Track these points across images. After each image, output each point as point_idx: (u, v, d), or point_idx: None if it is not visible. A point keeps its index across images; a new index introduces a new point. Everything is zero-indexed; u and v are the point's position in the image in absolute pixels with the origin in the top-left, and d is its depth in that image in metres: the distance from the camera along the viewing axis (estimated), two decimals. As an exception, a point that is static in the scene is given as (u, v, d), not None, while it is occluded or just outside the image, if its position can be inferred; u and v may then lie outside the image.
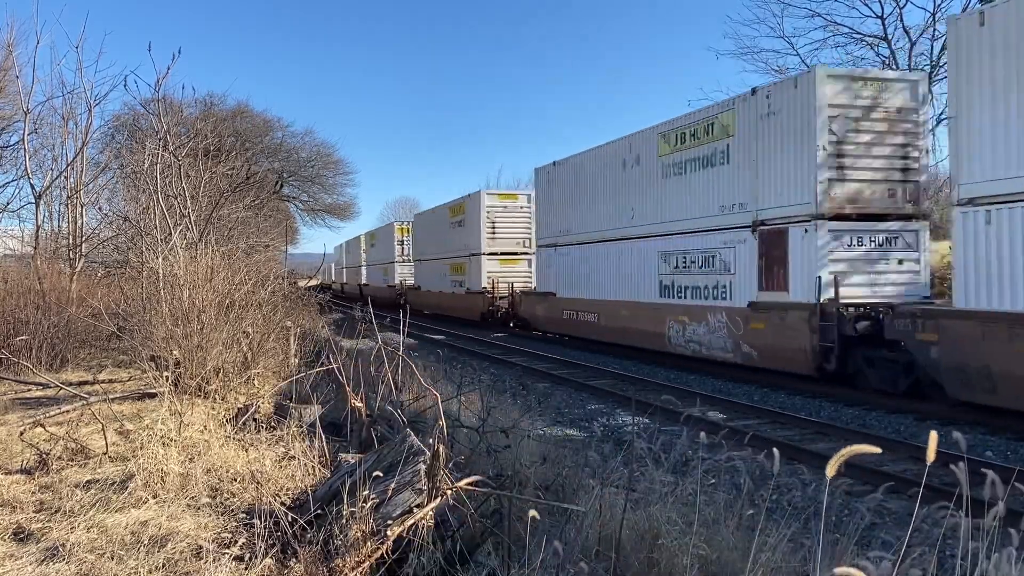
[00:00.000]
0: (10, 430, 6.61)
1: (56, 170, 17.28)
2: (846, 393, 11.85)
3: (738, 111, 14.13)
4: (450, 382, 8.04)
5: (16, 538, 4.23)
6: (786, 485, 6.79)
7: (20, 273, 13.34)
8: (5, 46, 17.90)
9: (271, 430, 6.54)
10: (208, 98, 35.23)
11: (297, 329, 10.22)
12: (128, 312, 10.01)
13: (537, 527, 4.33)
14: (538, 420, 9.45)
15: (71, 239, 16.71)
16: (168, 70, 12.17)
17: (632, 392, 12.02)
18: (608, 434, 9.24)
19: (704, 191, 15.11)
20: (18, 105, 17.17)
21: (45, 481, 5.25)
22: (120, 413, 7.20)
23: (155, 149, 12.24)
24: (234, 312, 8.74)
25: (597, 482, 4.52)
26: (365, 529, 3.58)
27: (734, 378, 14.03)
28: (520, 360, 17.26)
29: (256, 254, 23.13)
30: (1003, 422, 9.56)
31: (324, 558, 3.62)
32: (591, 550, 4.11)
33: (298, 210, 57.51)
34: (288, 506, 4.26)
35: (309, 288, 19.08)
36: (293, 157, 52.15)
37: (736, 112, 14.18)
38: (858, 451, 2.77)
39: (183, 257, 9.52)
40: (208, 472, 5.25)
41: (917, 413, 10.50)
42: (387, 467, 4.00)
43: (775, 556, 3.56)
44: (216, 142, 21.87)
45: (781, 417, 10.42)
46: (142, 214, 13.32)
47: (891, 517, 6.40)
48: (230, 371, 8.37)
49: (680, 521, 3.87)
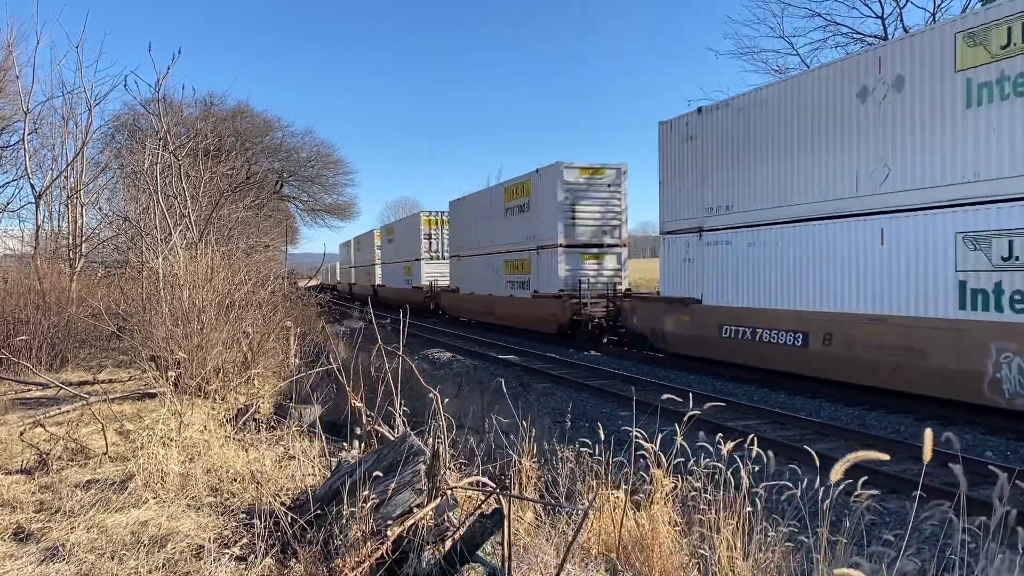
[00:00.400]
0: (10, 430, 6.61)
1: (56, 170, 17.32)
2: (846, 393, 11.91)
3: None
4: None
5: (16, 538, 4.23)
6: (786, 485, 6.78)
7: (20, 273, 13.34)
8: (5, 46, 17.92)
9: (271, 430, 6.55)
10: (208, 98, 35.24)
11: (297, 329, 10.22)
12: (128, 312, 10.01)
13: (537, 527, 4.34)
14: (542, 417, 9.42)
15: (71, 239, 16.71)
16: (168, 70, 12.18)
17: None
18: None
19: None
20: (18, 105, 17.19)
21: (45, 481, 5.25)
22: (120, 413, 7.20)
23: (155, 149, 12.24)
24: (234, 312, 8.75)
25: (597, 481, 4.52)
26: (365, 529, 3.58)
27: (735, 378, 14.02)
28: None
29: (256, 254, 23.13)
30: (1003, 423, 9.57)
31: (324, 558, 3.62)
32: (591, 550, 4.11)
33: (298, 210, 57.54)
34: (288, 506, 4.26)
35: (309, 288, 19.04)
36: (293, 157, 52.15)
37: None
38: (864, 457, 2.77)
39: (183, 257, 9.52)
40: (208, 472, 5.25)
41: (917, 413, 10.51)
42: (387, 467, 4.00)
43: (775, 556, 3.57)
44: (216, 142, 21.87)
45: (781, 417, 10.42)
46: (142, 214, 13.32)
47: (891, 517, 6.41)
48: (230, 371, 8.37)
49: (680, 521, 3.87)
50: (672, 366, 15.95)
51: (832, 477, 2.70)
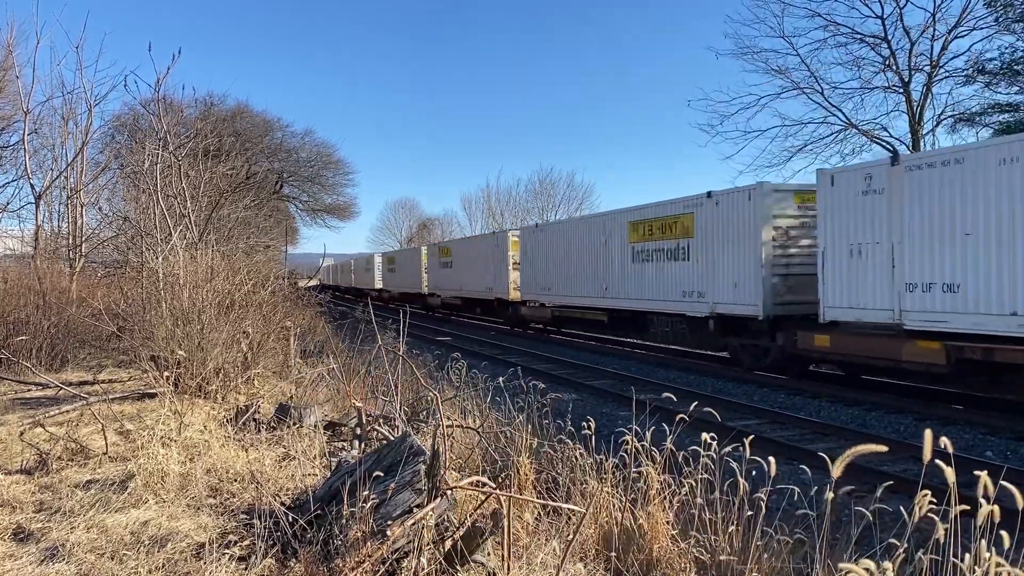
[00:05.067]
0: (10, 430, 6.61)
1: (56, 170, 17.32)
2: (846, 393, 11.94)
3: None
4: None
5: (16, 538, 4.23)
6: (785, 485, 6.78)
7: (20, 273, 13.34)
8: (5, 46, 17.91)
9: (271, 430, 6.55)
10: (208, 98, 35.22)
11: (297, 329, 10.23)
12: (128, 312, 10.01)
13: (537, 527, 4.34)
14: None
15: (71, 239, 16.71)
16: (168, 70, 12.19)
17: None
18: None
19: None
20: (18, 105, 17.19)
21: (45, 481, 5.25)
22: (120, 413, 7.20)
23: (155, 149, 12.25)
24: (234, 312, 8.75)
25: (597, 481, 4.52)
26: (365, 529, 3.58)
27: (735, 378, 14.04)
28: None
29: (256, 254, 23.12)
30: (1002, 422, 9.59)
31: (324, 558, 3.62)
32: (589, 550, 4.12)
33: (298, 210, 57.50)
34: (288, 506, 4.26)
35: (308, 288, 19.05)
36: (293, 157, 52.12)
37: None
38: (864, 451, 2.80)
39: (183, 257, 9.52)
40: (208, 472, 5.26)
41: (917, 413, 10.53)
42: (387, 467, 4.00)
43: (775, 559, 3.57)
44: (216, 142, 21.84)
45: (780, 417, 10.43)
46: (142, 214, 13.32)
47: (891, 517, 6.40)
48: (230, 371, 8.37)
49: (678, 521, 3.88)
50: (672, 366, 16.00)
51: (834, 473, 2.72)
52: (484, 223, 60.89)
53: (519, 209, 59.70)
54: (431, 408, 6.10)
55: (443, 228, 73.71)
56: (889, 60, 24.79)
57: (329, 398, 8.15)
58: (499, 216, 59.97)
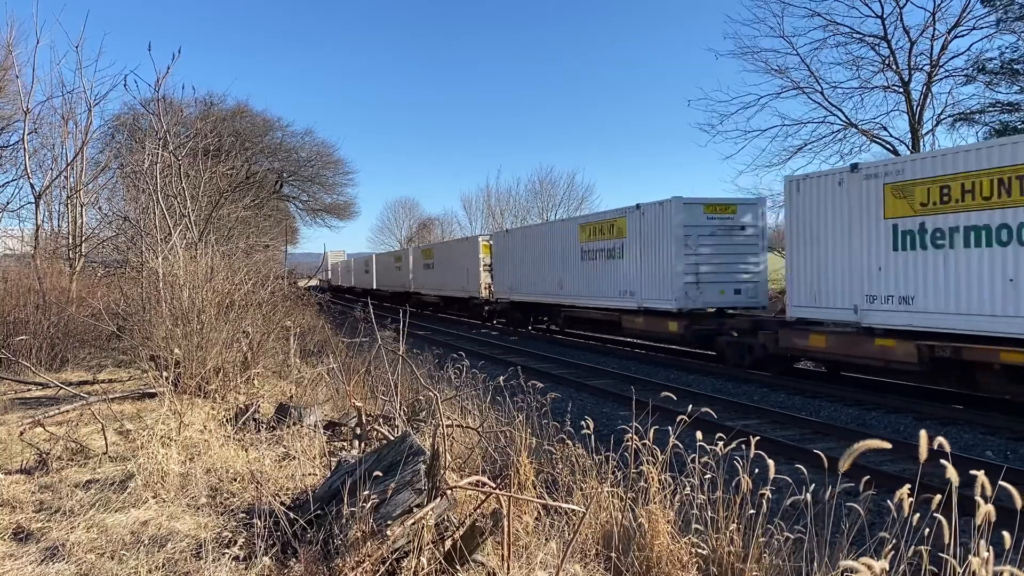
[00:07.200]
0: (10, 430, 6.61)
1: (56, 170, 17.31)
2: (846, 393, 11.97)
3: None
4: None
5: (16, 538, 4.23)
6: (785, 485, 6.78)
7: (20, 273, 13.34)
8: (5, 46, 17.89)
9: (271, 430, 6.55)
10: (208, 98, 35.10)
11: (297, 329, 10.23)
12: (128, 312, 10.01)
13: (536, 526, 4.34)
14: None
15: (71, 239, 16.71)
16: (168, 70, 12.15)
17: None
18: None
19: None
20: (18, 105, 17.15)
21: (45, 481, 5.25)
22: (120, 413, 7.20)
23: (155, 149, 12.23)
24: (234, 312, 8.75)
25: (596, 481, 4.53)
26: (365, 529, 3.58)
27: (735, 378, 14.06)
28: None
29: (256, 254, 23.12)
30: (1001, 422, 9.61)
31: (324, 558, 3.62)
32: (589, 549, 4.12)
33: (298, 210, 57.51)
34: (288, 506, 4.26)
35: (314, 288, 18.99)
36: (293, 157, 52.08)
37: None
38: (869, 446, 2.85)
39: (183, 257, 9.52)
40: (208, 472, 5.25)
41: (916, 413, 10.54)
42: (387, 467, 4.00)
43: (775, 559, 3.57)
44: (216, 142, 21.83)
45: (781, 417, 10.43)
46: (142, 214, 13.32)
47: (890, 516, 6.40)
48: (230, 371, 8.37)
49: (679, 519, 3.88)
50: (672, 366, 16.03)
51: (841, 467, 2.76)
52: (484, 223, 60.82)
53: (519, 209, 59.63)
54: (431, 408, 6.10)
55: (443, 228, 73.58)
56: (889, 59, 24.77)
57: (329, 398, 8.15)
58: (499, 216, 59.84)
